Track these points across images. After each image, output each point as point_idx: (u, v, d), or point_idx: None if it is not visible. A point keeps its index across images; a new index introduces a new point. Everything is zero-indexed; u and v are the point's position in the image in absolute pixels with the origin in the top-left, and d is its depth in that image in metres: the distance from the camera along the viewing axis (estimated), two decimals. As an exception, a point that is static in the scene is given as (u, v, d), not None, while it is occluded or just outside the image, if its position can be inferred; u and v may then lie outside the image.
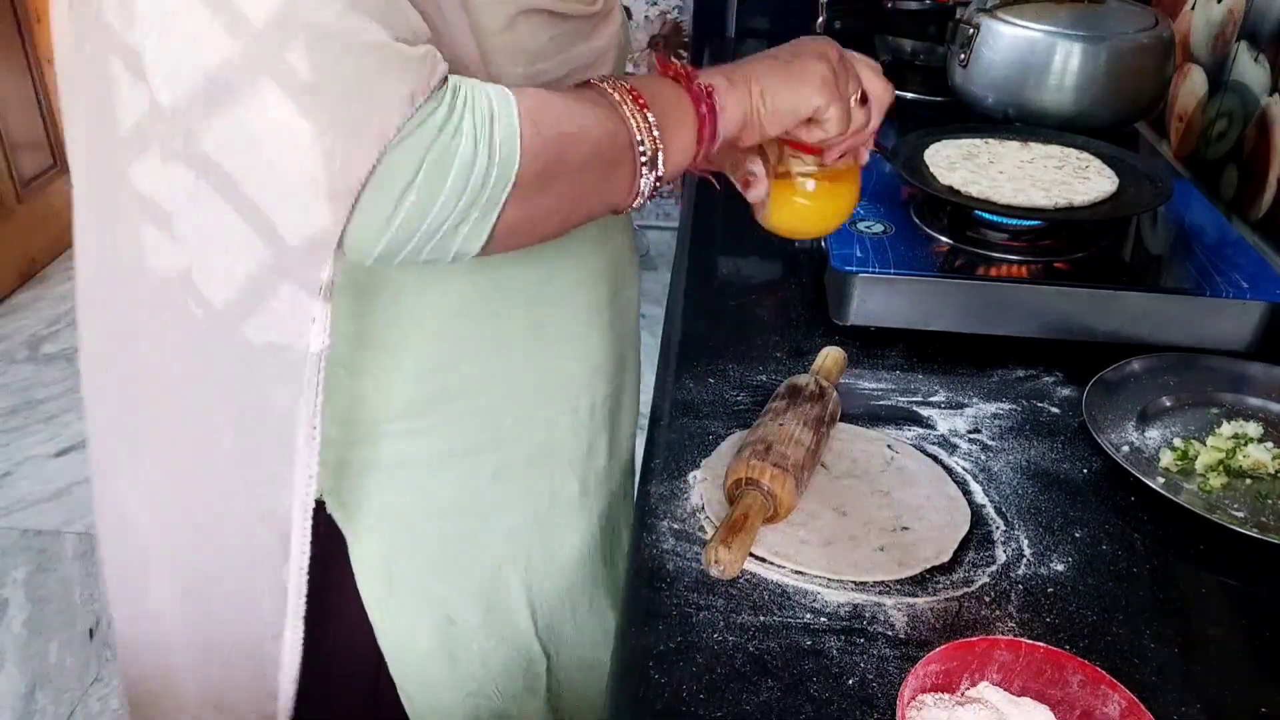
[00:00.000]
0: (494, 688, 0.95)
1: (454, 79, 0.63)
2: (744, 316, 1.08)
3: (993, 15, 1.38)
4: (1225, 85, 1.38)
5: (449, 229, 0.63)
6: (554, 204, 0.68)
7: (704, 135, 0.74)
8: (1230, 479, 0.87)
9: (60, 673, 1.86)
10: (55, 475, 2.31)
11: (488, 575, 0.90)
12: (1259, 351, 1.02)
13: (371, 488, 0.84)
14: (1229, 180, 1.34)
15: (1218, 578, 0.79)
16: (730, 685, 0.67)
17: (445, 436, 0.84)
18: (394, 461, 0.83)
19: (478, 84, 0.64)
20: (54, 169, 3.12)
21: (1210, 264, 1.07)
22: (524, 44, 0.71)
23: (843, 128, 0.79)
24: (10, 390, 2.58)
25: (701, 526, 0.80)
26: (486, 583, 0.91)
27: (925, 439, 0.92)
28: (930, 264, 1.06)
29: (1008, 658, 0.65)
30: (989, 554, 0.79)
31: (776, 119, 0.77)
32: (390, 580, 0.87)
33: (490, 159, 0.62)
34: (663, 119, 0.71)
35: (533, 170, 0.64)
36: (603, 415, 0.93)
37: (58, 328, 2.83)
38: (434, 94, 0.61)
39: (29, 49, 2.97)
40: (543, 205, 0.67)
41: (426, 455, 0.84)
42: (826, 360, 0.94)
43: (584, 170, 0.68)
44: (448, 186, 0.61)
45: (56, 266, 3.12)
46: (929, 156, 1.17)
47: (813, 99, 0.77)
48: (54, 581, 2.04)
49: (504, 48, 0.70)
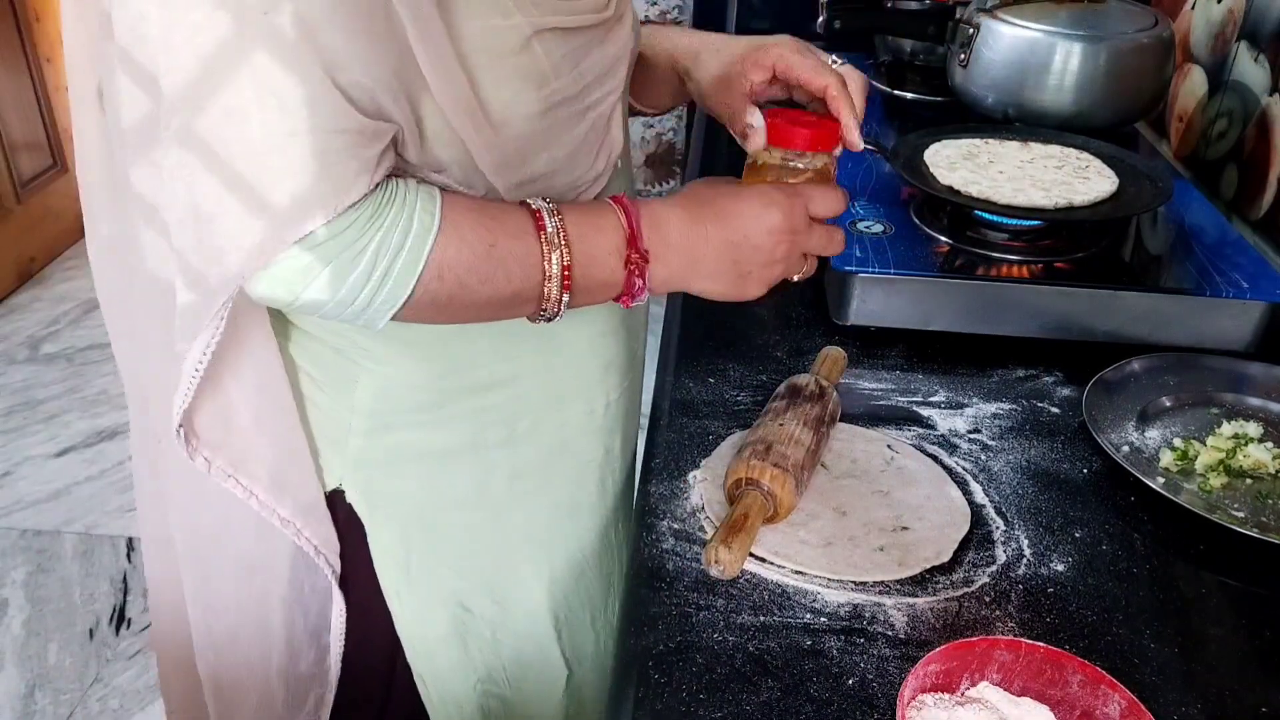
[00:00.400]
0: (504, 677, 0.96)
1: (394, 189, 0.67)
2: (744, 316, 1.08)
3: (993, 15, 1.38)
4: (1225, 85, 1.38)
5: (351, 316, 0.69)
6: (447, 319, 0.75)
7: (619, 301, 0.77)
8: (1230, 479, 0.87)
9: (60, 673, 1.86)
10: (55, 475, 2.31)
11: (503, 571, 0.92)
12: (1259, 351, 1.02)
13: (388, 478, 0.85)
14: (1229, 180, 1.34)
15: (1218, 578, 0.79)
16: (730, 685, 0.67)
17: (461, 431, 0.85)
18: (411, 453, 0.85)
19: (407, 204, 0.67)
20: (53, 169, 3.12)
21: (1210, 264, 1.07)
22: (539, 65, 0.72)
23: None
24: (10, 390, 2.58)
25: (701, 526, 0.80)
26: (501, 578, 0.92)
27: (925, 439, 0.92)
28: (930, 264, 1.06)
29: (1008, 658, 0.65)
30: (989, 554, 0.79)
31: (698, 294, 0.81)
32: (407, 569, 0.89)
33: (380, 285, 0.67)
34: (580, 293, 0.74)
35: (423, 302, 0.70)
36: (616, 413, 0.94)
37: (57, 328, 2.83)
38: (357, 204, 0.65)
39: (29, 49, 2.97)
40: (436, 319, 0.74)
41: (442, 448, 0.85)
42: (826, 360, 0.94)
43: (479, 309, 0.73)
44: (342, 293, 0.67)
45: (56, 267, 3.12)
46: (929, 156, 1.17)
47: (743, 296, 0.80)
48: (54, 582, 2.04)
49: (518, 72, 0.71)
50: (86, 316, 2.88)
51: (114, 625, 1.96)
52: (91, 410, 2.52)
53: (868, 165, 1.25)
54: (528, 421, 0.87)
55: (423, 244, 0.68)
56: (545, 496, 0.91)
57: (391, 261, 0.67)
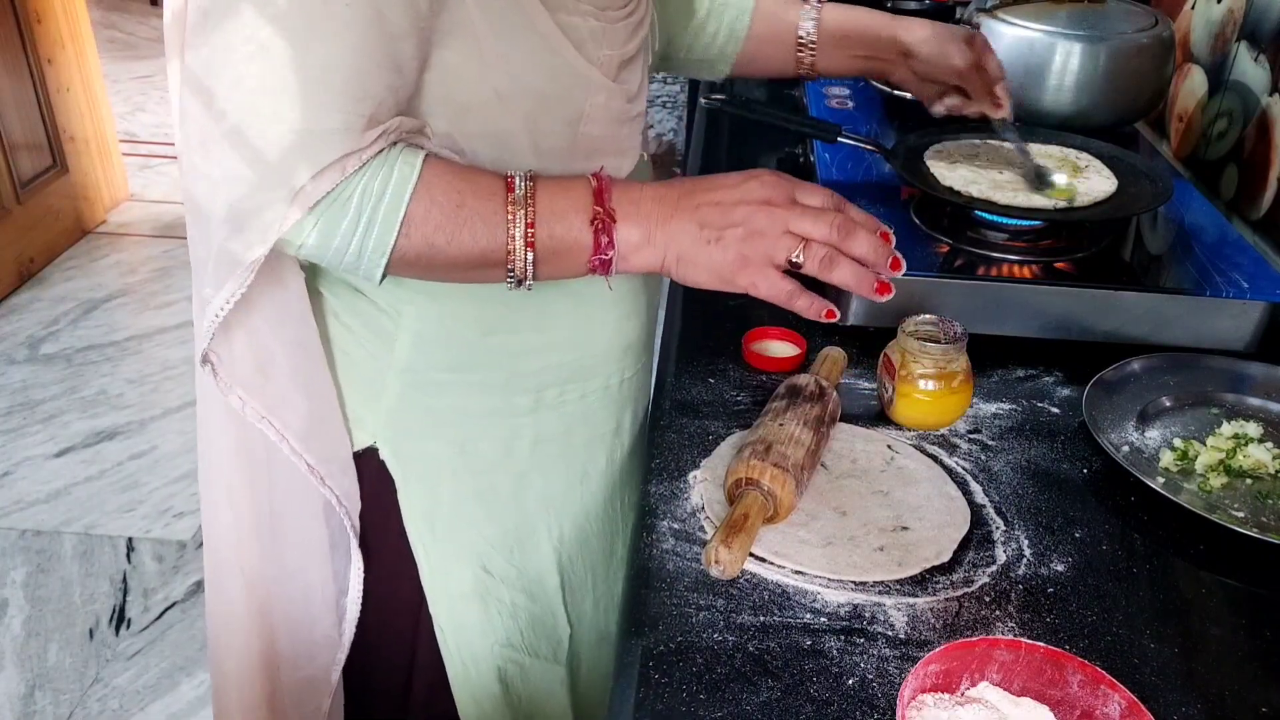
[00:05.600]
0: (521, 641, 0.99)
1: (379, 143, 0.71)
2: (744, 316, 1.08)
3: (993, 15, 1.38)
4: (1225, 85, 1.38)
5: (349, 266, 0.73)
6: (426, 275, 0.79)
7: (595, 270, 0.78)
8: (1230, 479, 0.87)
9: (59, 674, 1.86)
10: (54, 476, 2.31)
11: (521, 533, 0.96)
12: (1259, 351, 1.02)
13: (421, 438, 0.90)
14: (1229, 180, 1.34)
15: (1218, 578, 0.79)
16: (730, 685, 0.67)
17: (492, 395, 0.89)
18: (442, 412, 0.89)
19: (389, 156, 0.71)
20: (53, 169, 3.12)
21: (1210, 264, 1.07)
22: None
23: (776, 294, 0.79)
24: (9, 391, 2.58)
25: (701, 526, 0.80)
26: (520, 541, 0.96)
27: (925, 439, 0.92)
28: (930, 264, 1.06)
29: (1008, 658, 0.65)
30: (989, 554, 0.79)
31: (691, 283, 0.80)
32: (433, 525, 0.93)
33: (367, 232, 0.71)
34: (546, 255, 0.76)
35: (402, 260, 0.74)
36: (629, 390, 0.98)
37: (57, 328, 2.83)
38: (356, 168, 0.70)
39: (29, 49, 2.97)
40: (425, 275, 0.79)
41: (474, 410, 0.89)
42: (826, 360, 0.94)
43: (450, 269, 0.77)
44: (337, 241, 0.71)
45: (55, 267, 3.12)
46: (929, 157, 1.17)
47: (733, 279, 0.78)
48: (53, 582, 2.04)
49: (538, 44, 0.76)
50: (86, 317, 2.88)
51: (114, 625, 1.96)
52: (90, 410, 2.52)
53: (868, 165, 1.25)
54: (554, 391, 0.91)
55: (402, 192, 0.71)
56: (562, 463, 0.95)
57: (374, 209, 0.70)
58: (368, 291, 0.85)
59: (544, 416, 0.92)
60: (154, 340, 2.80)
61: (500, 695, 0.99)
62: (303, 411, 0.85)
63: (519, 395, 0.90)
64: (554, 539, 0.97)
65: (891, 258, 0.79)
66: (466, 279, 0.79)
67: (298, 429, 0.84)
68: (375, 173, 0.70)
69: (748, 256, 0.77)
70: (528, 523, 0.96)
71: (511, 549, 0.96)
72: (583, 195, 0.76)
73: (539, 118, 0.80)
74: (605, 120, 0.84)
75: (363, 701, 1.03)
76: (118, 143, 3.43)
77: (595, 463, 0.98)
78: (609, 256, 0.77)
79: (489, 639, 0.98)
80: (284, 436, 0.84)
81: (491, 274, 0.77)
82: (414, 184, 0.71)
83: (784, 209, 0.77)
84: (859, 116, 1.46)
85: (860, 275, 0.78)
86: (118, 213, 3.42)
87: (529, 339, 0.88)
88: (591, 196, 0.76)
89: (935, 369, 0.89)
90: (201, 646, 1.91)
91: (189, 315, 3.32)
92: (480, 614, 0.97)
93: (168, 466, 2.34)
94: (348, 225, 0.70)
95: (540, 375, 0.90)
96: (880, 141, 1.17)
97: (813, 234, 0.77)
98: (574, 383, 0.92)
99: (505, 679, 0.99)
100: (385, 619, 0.97)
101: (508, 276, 0.76)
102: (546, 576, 0.98)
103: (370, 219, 0.70)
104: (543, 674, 1.01)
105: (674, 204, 0.78)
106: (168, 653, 1.90)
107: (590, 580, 1.02)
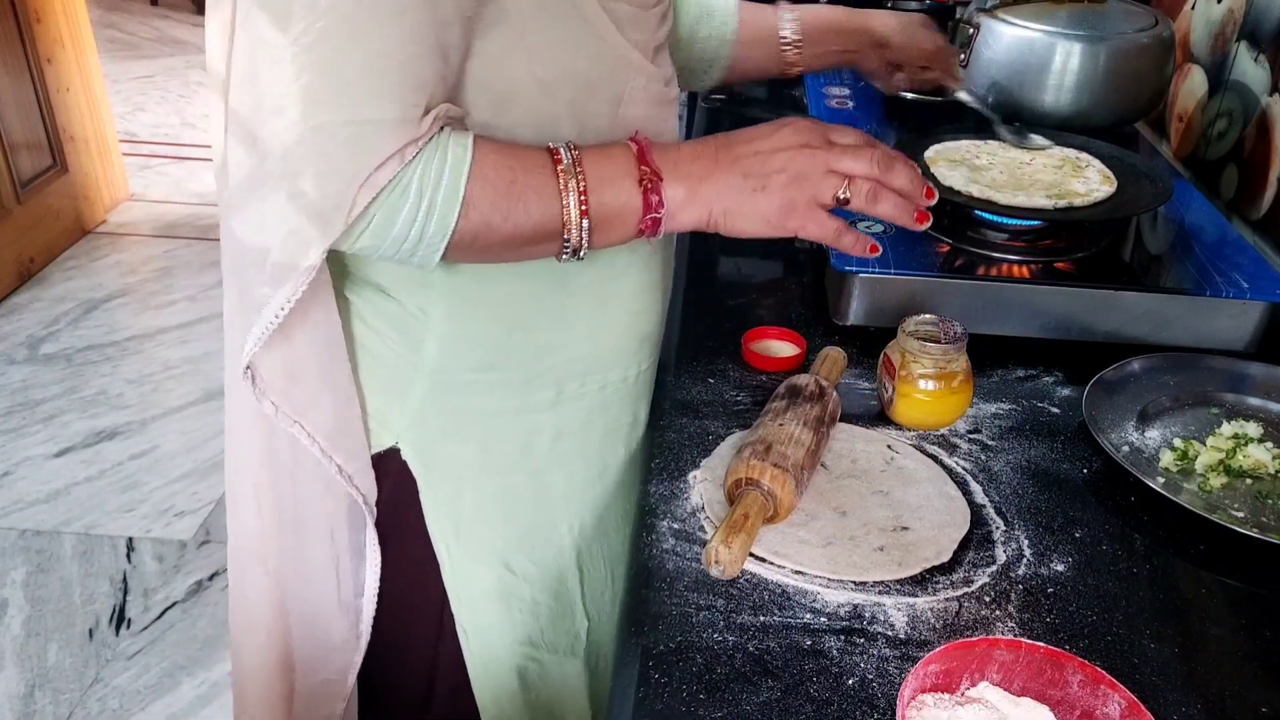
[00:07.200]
0: (541, 638, 1.00)
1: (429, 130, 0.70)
2: (744, 316, 1.08)
3: (993, 15, 1.38)
4: (1225, 85, 1.38)
5: (406, 254, 0.73)
6: (481, 256, 0.78)
7: (644, 232, 0.79)
8: (1230, 479, 0.87)
9: (59, 674, 1.86)
10: (54, 476, 2.31)
11: (544, 531, 0.96)
12: (1259, 351, 1.02)
13: (445, 439, 0.91)
14: (1229, 180, 1.34)
15: (1218, 578, 0.79)
16: (730, 685, 0.67)
17: (514, 393, 0.90)
18: (468, 413, 0.90)
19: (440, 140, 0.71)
20: (53, 169, 3.12)
21: (1210, 264, 1.07)
22: None
23: (824, 233, 0.81)
24: (9, 391, 2.58)
25: (701, 526, 0.80)
26: (542, 539, 0.96)
27: (925, 439, 0.92)
28: (930, 264, 1.06)
29: (1008, 658, 0.65)
30: (989, 554, 0.79)
31: (740, 233, 0.80)
32: (457, 526, 0.93)
33: (428, 217, 0.71)
34: (600, 221, 0.76)
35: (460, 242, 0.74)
36: (644, 382, 0.99)
37: (56, 328, 2.83)
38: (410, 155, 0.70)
39: (29, 49, 2.97)
40: (473, 257, 0.78)
41: (496, 409, 0.90)
42: (826, 360, 0.94)
43: (507, 246, 0.76)
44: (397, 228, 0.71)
45: (55, 267, 3.11)
46: (929, 157, 1.17)
47: (783, 224, 0.79)
48: (53, 582, 2.04)
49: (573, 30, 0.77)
50: (86, 317, 2.88)
51: (114, 625, 1.96)
52: (90, 410, 2.52)
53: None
54: (574, 385, 0.92)
55: (459, 174, 0.71)
56: (581, 458, 0.96)
57: (434, 193, 0.70)
58: (395, 294, 0.85)
59: (564, 411, 0.92)
60: (154, 340, 2.80)
61: (519, 693, 1.00)
62: (330, 414, 0.85)
63: (541, 390, 0.91)
64: (574, 533, 0.98)
65: (926, 188, 0.82)
66: (519, 256, 0.79)
67: (327, 431, 0.85)
68: (430, 157, 0.70)
69: (794, 200, 0.79)
70: (549, 519, 0.96)
71: (534, 546, 0.96)
72: (626, 159, 0.77)
73: (584, 102, 0.80)
74: (645, 102, 0.84)
75: (384, 707, 1.03)
76: (118, 142, 3.43)
77: (614, 455, 0.98)
78: (659, 215, 0.77)
79: (509, 637, 0.98)
80: (314, 439, 0.84)
81: (545, 248, 0.77)
82: (469, 165, 0.71)
83: (824, 150, 0.79)
84: (859, 116, 1.46)
85: (901, 206, 0.81)
86: (118, 213, 3.42)
87: (551, 335, 0.89)
88: (635, 158, 0.77)
89: (935, 369, 0.90)
90: (202, 646, 1.91)
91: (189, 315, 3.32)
92: (502, 613, 0.97)
93: (168, 466, 2.34)
94: (408, 212, 0.70)
95: (562, 369, 0.91)
96: (880, 141, 1.17)
97: (855, 170, 0.79)
98: (593, 375, 0.93)
99: (524, 676, 1.00)
100: (408, 622, 0.98)
101: (563, 248, 0.77)
102: (567, 571, 0.99)
103: (430, 203, 0.70)
104: (561, 669, 1.02)
105: (712, 159, 0.79)
106: (168, 653, 1.90)
107: (608, 573, 1.03)
